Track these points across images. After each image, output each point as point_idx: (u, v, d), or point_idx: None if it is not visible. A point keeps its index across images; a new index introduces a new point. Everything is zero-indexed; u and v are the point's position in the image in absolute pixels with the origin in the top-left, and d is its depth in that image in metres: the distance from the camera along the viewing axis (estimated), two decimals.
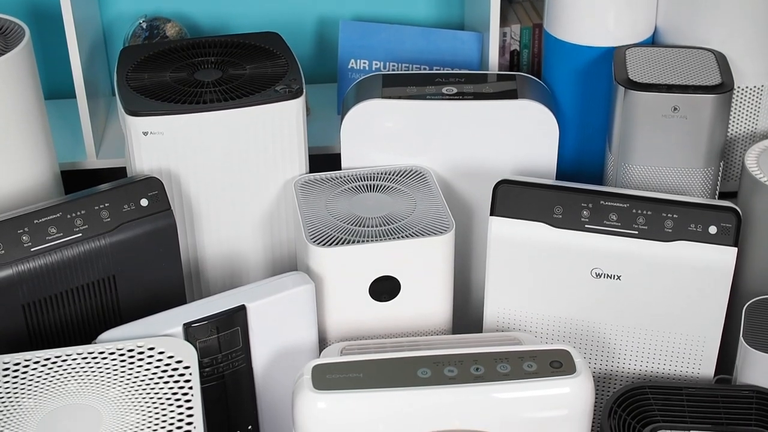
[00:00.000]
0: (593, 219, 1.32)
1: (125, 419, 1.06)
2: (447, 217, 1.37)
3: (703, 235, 1.30)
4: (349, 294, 1.35)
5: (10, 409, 1.08)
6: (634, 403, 1.26)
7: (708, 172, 1.44)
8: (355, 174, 1.46)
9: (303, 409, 1.13)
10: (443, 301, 1.39)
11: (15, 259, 1.25)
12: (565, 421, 1.16)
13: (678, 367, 1.37)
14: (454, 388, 1.14)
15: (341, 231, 1.35)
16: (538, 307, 1.37)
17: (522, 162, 1.47)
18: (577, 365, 1.16)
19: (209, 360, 1.25)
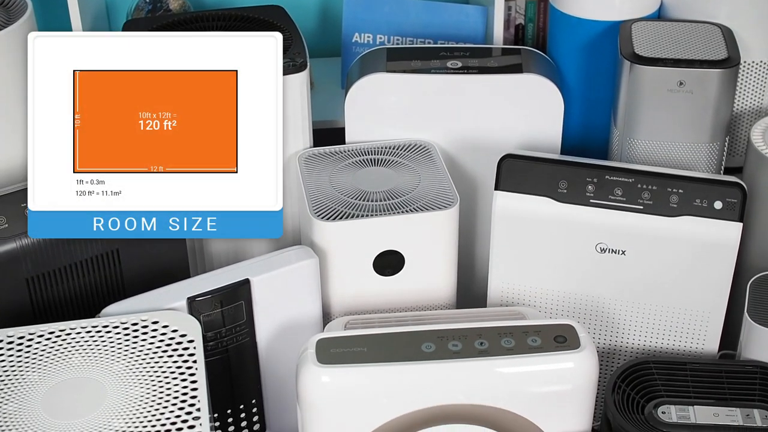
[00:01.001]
0: (598, 194, 1.32)
1: (129, 392, 1.06)
2: (451, 191, 1.37)
3: (708, 211, 1.30)
4: (353, 268, 1.35)
5: (14, 382, 1.08)
6: (638, 378, 1.26)
7: (713, 147, 1.43)
8: (359, 148, 1.46)
9: (307, 383, 1.13)
10: (447, 275, 1.39)
11: (19, 233, 1.25)
12: (569, 395, 1.16)
13: (682, 342, 1.37)
14: (458, 363, 1.14)
15: (345, 205, 1.34)
16: (543, 282, 1.37)
17: (527, 136, 1.47)
18: (582, 340, 1.16)
19: (213, 334, 1.25)
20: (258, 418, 1.35)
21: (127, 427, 1.02)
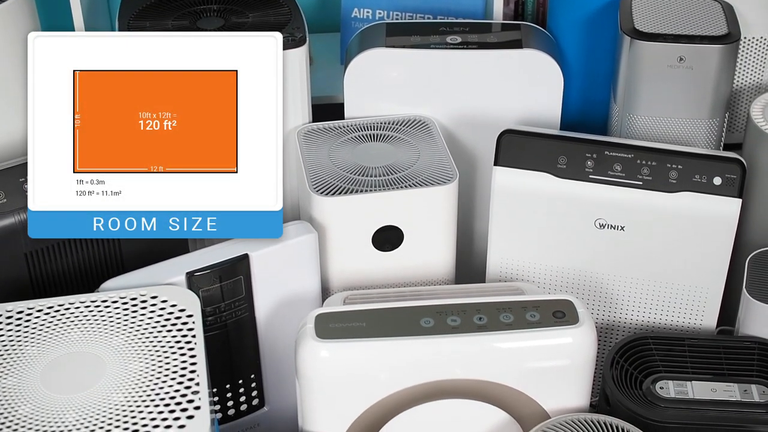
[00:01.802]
0: (597, 169, 1.32)
1: (128, 367, 1.06)
2: (450, 166, 1.37)
3: (707, 186, 1.30)
4: (352, 243, 1.35)
5: (13, 357, 1.08)
6: (636, 353, 1.26)
7: (713, 123, 1.43)
8: (358, 123, 1.46)
9: (306, 358, 1.13)
10: (446, 250, 1.39)
11: (17, 208, 1.25)
12: (567, 370, 1.16)
13: (680, 318, 1.37)
14: (457, 338, 1.14)
15: (344, 180, 1.34)
16: (542, 258, 1.37)
17: (526, 112, 1.47)
18: (580, 315, 1.16)
19: (212, 309, 1.25)
20: (257, 392, 1.35)
21: (126, 401, 1.02)
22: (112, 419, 1.00)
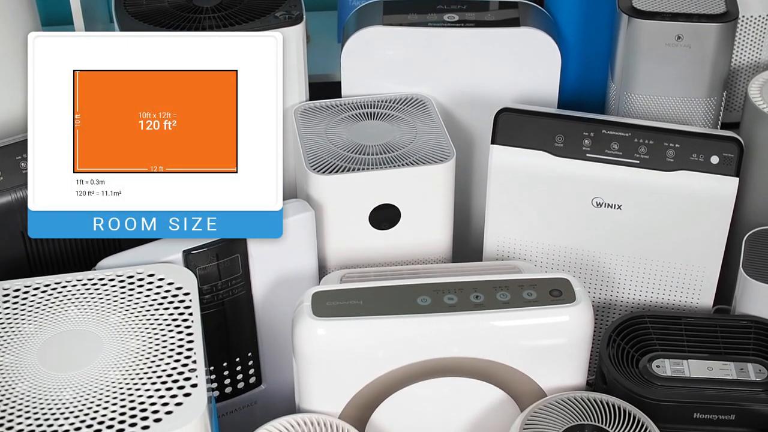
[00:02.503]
0: (595, 148, 1.31)
1: (125, 345, 1.06)
2: (448, 145, 1.37)
3: (704, 165, 1.30)
4: (349, 222, 1.35)
5: (10, 335, 1.08)
6: (632, 332, 1.26)
7: (711, 102, 1.43)
8: (355, 102, 1.45)
9: (303, 336, 1.13)
10: (443, 229, 1.39)
11: (14, 186, 1.25)
12: (564, 349, 1.17)
13: (677, 296, 1.37)
14: (454, 316, 1.14)
15: (341, 159, 1.34)
16: (539, 236, 1.37)
17: (524, 90, 1.46)
18: (577, 294, 1.16)
19: (209, 287, 1.25)
20: (254, 371, 1.35)
21: (123, 379, 1.02)
22: (110, 397, 1.00)
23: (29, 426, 0.97)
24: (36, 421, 0.98)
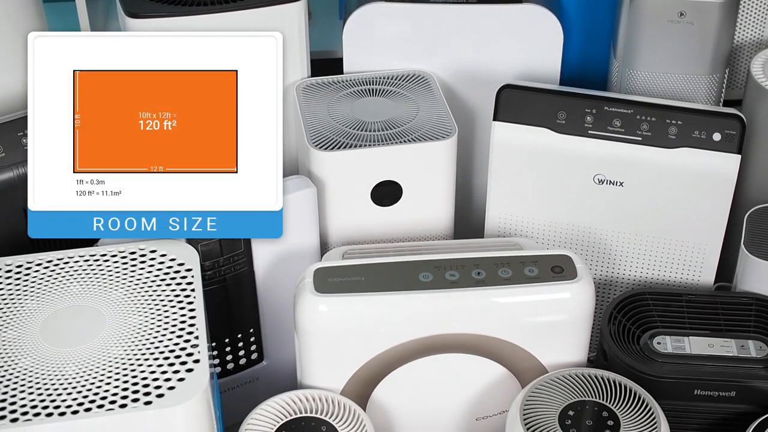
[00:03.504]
0: (597, 125, 1.31)
1: (128, 320, 1.07)
2: (449, 122, 1.37)
3: (706, 142, 1.30)
4: (350, 198, 1.35)
5: (13, 311, 1.08)
6: (634, 309, 1.26)
7: (713, 79, 1.43)
8: (357, 78, 1.45)
9: (304, 312, 1.13)
10: (445, 206, 1.39)
11: (16, 162, 1.25)
12: (565, 325, 1.17)
13: (678, 274, 1.37)
14: (455, 292, 1.14)
15: (343, 135, 1.34)
16: (540, 213, 1.37)
17: (526, 67, 1.46)
18: (579, 270, 1.16)
19: (211, 263, 1.25)
20: (256, 347, 1.36)
21: (126, 354, 1.02)
22: (112, 372, 1.00)
23: (32, 401, 0.97)
24: (39, 396, 0.98)
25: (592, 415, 1.12)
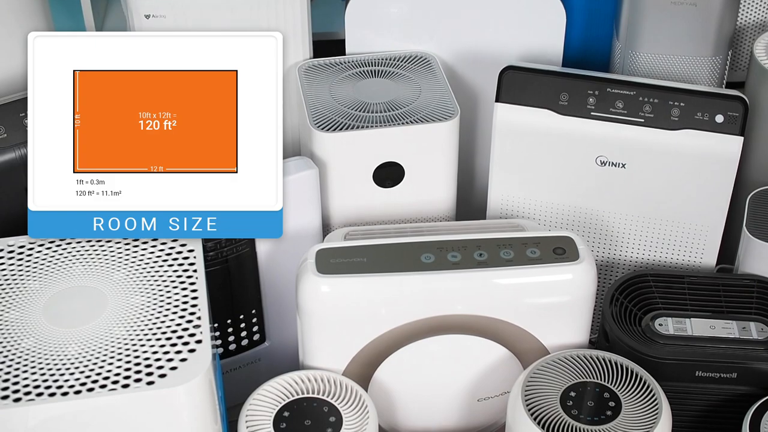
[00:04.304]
0: (599, 106, 1.31)
1: (130, 301, 1.07)
2: (452, 103, 1.36)
3: (709, 124, 1.30)
4: (352, 179, 1.35)
5: (15, 291, 1.08)
6: (635, 290, 1.26)
7: (716, 61, 1.42)
8: (359, 59, 1.45)
9: (307, 293, 1.14)
10: (447, 187, 1.39)
11: (18, 143, 1.25)
12: (567, 307, 1.17)
13: (680, 255, 1.37)
14: (457, 274, 1.14)
15: (345, 116, 1.34)
16: (542, 195, 1.37)
17: (528, 48, 1.46)
18: (580, 252, 1.17)
19: (213, 244, 1.25)
20: (258, 328, 1.36)
21: (128, 334, 1.03)
22: (114, 352, 1.01)
23: (35, 381, 0.97)
24: (41, 377, 0.98)
25: (594, 396, 1.12)
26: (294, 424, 1.11)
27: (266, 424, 1.11)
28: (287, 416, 1.12)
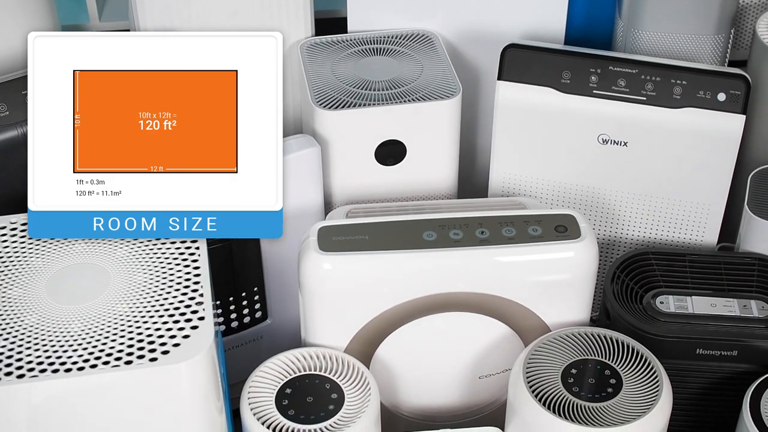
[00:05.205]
0: (601, 84, 1.31)
1: (133, 278, 1.07)
2: (454, 81, 1.36)
3: (711, 102, 1.29)
4: (354, 157, 1.35)
5: (18, 268, 1.09)
6: (637, 268, 1.26)
7: (718, 40, 1.42)
8: (361, 37, 1.45)
9: (308, 270, 1.14)
10: (449, 165, 1.39)
11: (19, 120, 1.25)
12: (568, 284, 1.17)
13: (682, 234, 1.37)
14: (459, 251, 1.14)
15: (347, 94, 1.34)
16: (544, 173, 1.37)
17: (530, 26, 1.46)
18: (582, 230, 1.17)
19: None
20: (260, 305, 1.36)
21: (131, 311, 1.03)
22: (117, 329, 1.01)
23: (38, 358, 0.98)
24: (45, 353, 0.98)
25: (595, 373, 1.13)
26: (296, 401, 1.11)
27: (269, 400, 1.11)
28: (289, 393, 1.12)
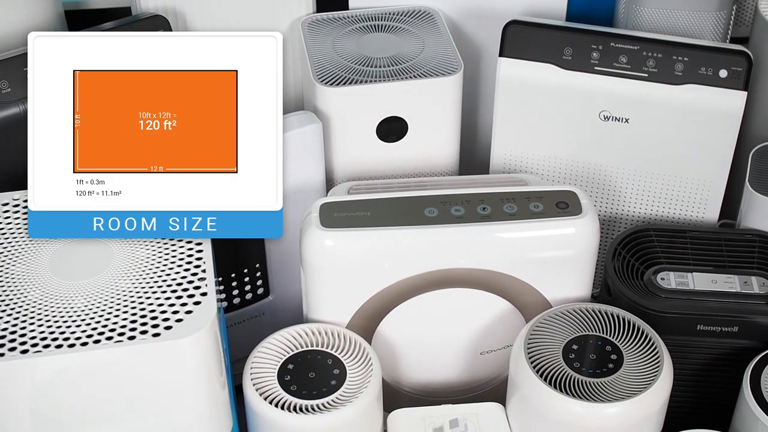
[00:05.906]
0: (603, 61, 1.31)
1: (135, 254, 1.07)
2: (455, 57, 1.36)
3: (713, 79, 1.29)
4: (356, 134, 1.35)
5: (21, 245, 1.09)
6: (638, 245, 1.27)
7: (720, 16, 1.42)
8: (362, 14, 1.44)
9: (310, 247, 1.14)
10: (450, 141, 1.39)
11: (21, 97, 1.25)
12: (569, 261, 1.17)
13: (683, 210, 1.38)
14: (461, 227, 1.14)
15: (349, 71, 1.34)
16: (545, 149, 1.37)
17: (532, 3, 1.45)
18: (583, 206, 1.17)
19: None
20: (262, 282, 1.36)
21: (134, 287, 1.03)
22: (120, 305, 1.01)
23: (41, 333, 0.98)
24: (48, 329, 0.99)
25: (596, 349, 1.13)
26: (298, 377, 1.12)
27: (271, 376, 1.12)
28: (291, 369, 1.13)
